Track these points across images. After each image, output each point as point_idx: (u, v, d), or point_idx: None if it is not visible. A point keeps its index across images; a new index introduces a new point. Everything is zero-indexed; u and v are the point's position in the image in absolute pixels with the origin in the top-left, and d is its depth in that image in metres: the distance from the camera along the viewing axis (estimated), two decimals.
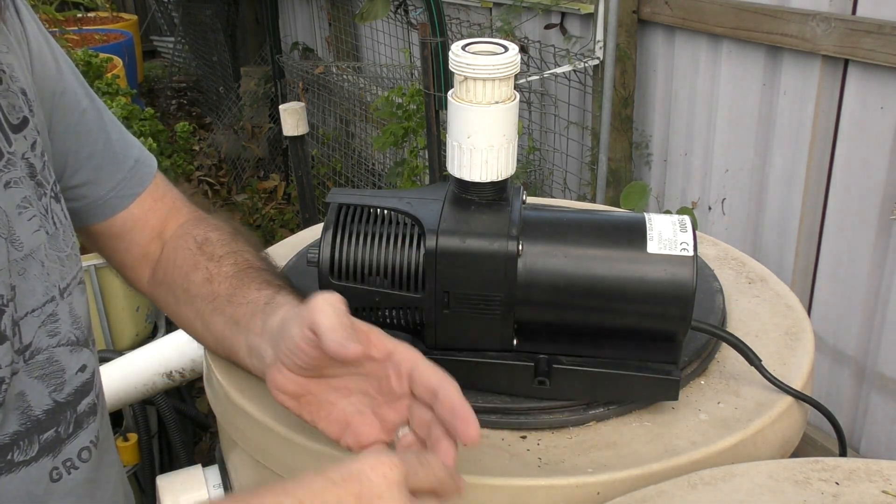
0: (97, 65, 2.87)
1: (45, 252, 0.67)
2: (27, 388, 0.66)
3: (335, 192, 0.80)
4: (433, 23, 1.96)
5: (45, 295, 0.67)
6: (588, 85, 2.48)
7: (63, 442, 0.69)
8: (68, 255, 0.70)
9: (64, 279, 0.69)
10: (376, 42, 3.73)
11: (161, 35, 6.93)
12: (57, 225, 0.70)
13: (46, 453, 0.68)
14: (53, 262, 0.68)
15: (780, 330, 0.90)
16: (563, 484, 0.69)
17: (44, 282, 0.67)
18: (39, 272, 0.67)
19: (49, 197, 0.69)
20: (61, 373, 0.69)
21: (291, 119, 2.19)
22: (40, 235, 0.67)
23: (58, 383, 0.69)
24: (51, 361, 0.68)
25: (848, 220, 1.86)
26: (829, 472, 0.68)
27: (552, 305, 0.74)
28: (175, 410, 1.82)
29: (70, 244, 0.71)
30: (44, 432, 0.68)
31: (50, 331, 0.68)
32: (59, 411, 0.69)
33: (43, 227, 0.68)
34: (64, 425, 0.69)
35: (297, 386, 0.66)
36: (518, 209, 0.75)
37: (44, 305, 0.67)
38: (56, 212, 0.70)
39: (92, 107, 0.80)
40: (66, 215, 0.72)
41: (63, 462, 0.70)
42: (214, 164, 4.82)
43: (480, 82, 0.70)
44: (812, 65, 1.85)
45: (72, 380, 0.70)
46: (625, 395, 0.77)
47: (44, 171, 0.69)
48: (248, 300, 0.75)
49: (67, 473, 0.70)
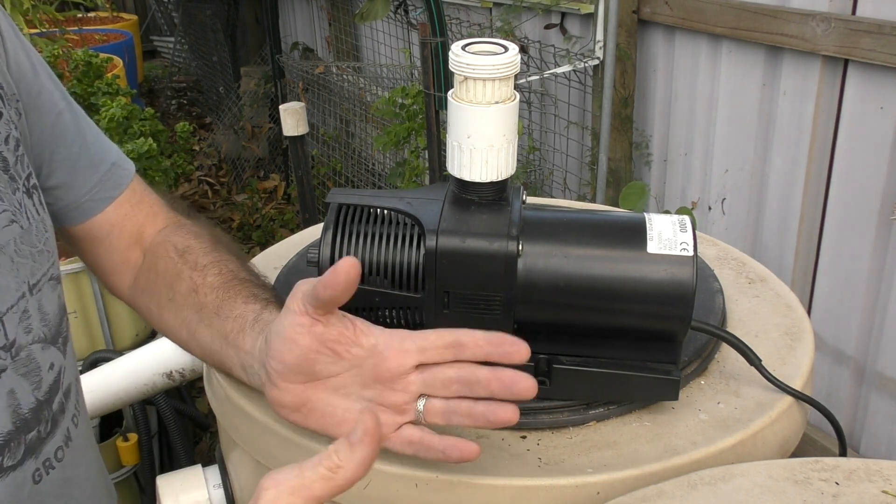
0: (97, 65, 2.87)
1: (15, 247, 0.66)
2: (16, 386, 0.66)
3: (335, 192, 0.80)
4: (433, 23, 1.96)
5: (17, 290, 0.66)
6: (588, 85, 2.49)
7: (43, 441, 0.69)
8: (40, 251, 0.69)
9: (34, 275, 0.68)
10: (376, 42, 3.73)
11: (161, 35, 6.94)
12: (30, 220, 0.69)
13: (30, 455, 0.67)
14: (24, 257, 0.67)
15: (780, 330, 0.90)
16: (563, 484, 0.69)
17: (15, 277, 0.66)
18: (10, 268, 0.66)
19: (22, 192, 0.68)
20: (38, 370, 0.68)
21: (291, 119, 2.19)
22: (12, 230, 0.66)
23: (37, 381, 0.68)
24: (30, 359, 0.67)
25: (848, 220, 1.86)
26: (829, 472, 0.68)
27: (552, 305, 0.74)
28: (175, 410, 1.83)
29: (43, 240, 0.70)
30: (29, 432, 0.67)
31: (25, 327, 0.67)
32: (40, 409, 0.68)
33: (16, 222, 0.67)
34: (44, 424, 0.69)
35: (295, 396, 0.66)
36: (518, 209, 0.75)
37: (18, 301, 0.66)
38: (28, 207, 0.69)
39: (68, 109, 0.79)
40: (40, 210, 0.71)
41: (43, 462, 0.69)
42: (214, 164, 4.83)
43: (480, 82, 0.70)
44: (812, 65, 1.85)
45: (46, 377, 0.70)
46: (625, 395, 0.77)
47: (17, 165, 0.68)
48: (236, 314, 0.74)
49: (46, 474, 0.69)
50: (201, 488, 0.90)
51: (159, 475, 0.92)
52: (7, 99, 0.69)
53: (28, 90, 0.74)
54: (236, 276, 0.79)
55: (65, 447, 0.72)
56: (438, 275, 0.73)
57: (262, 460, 0.79)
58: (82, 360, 1.72)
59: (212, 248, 0.83)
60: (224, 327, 0.75)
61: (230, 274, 0.79)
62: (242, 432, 0.81)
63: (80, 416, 0.75)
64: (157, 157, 2.65)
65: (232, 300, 0.76)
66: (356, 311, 0.79)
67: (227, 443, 0.91)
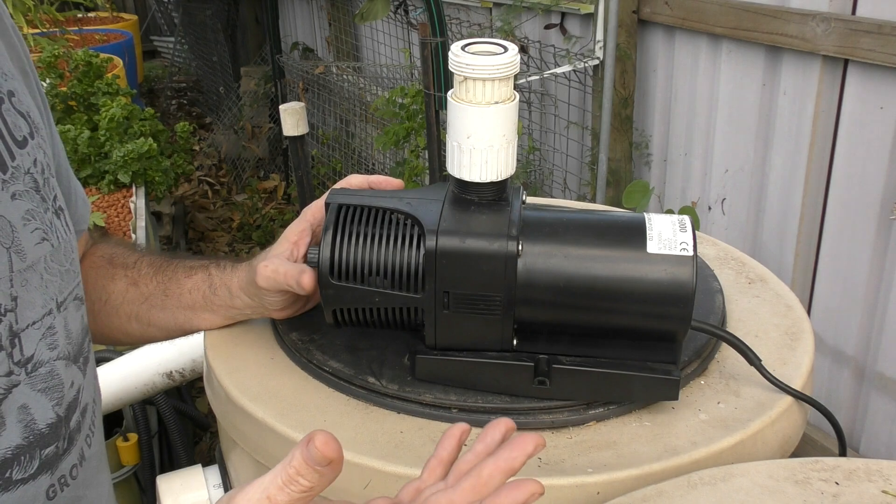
0: (97, 65, 2.87)
1: (45, 264, 0.68)
2: (30, 402, 0.66)
3: (335, 192, 0.80)
4: (433, 23, 1.96)
5: (43, 307, 0.67)
6: (588, 85, 2.49)
7: (60, 457, 0.69)
8: (67, 270, 0.71)
9: (62, 293, 0.70)
10: (376, 42, 3.73)
11: (161, 35, 6.94)
12: (60, 239, 0.70)
13: (45, 470, 0.68)
14: (53, 275, 0.69)
15: (780, 330, 0.90)
16: (563, 484, 0.69)
17: (42, 294, 0.67)
18: (39, 284, 0.67)
19: (52, 212, 0.70)
20: (61, 387, 0.69)
21: (291, 119, 2.19)
22: (43, 247, 0.68)
23: (59, 397, 0.69)
24: (52, 374, 0.68)
25: (848, 220, 1.86)
26: (829, 472, 0.68)
27: (552, 305, 0.74)
28: (175, 410, 1.83)
29: (70, 260, 0.72)
30: (46, 447, 0.67)
31: (50, 344, 0.68)
32: (60, 425, 0.69)
33: (47, 240, 0.68)
34: (62, 440, 0.69)
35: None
36: (518, 209, 0.75)
37: (42, 318, 0.67)
38: (57, 227, 0.71)
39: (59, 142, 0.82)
40: (67, 231, 0.73)
41: (59, 479, 0.69)
42: (214, 164, 4.83)
43: (480, 82, 0.70)
44: (812, 65, 1.85)
45: (68, 394, 0.70)
46: (625, 395, 0.77)
47: (45, 187, 0.70)
48: (189, 287, 0.88)
49: (61, 490, 0.70)
50: (201, 488, 0.90)
51: (159, 475, 0.92)
52: (35, 125, 0.71)
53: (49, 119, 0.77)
54: (164, 261, 0.91)
55: (79, 466, 0.72)
56: (438, 275, 0.73)
57: (262, 460, 0.79)
58: None
59: (133, 250, 0.94)
60: (182, 301, 0.88)
61: (159, 261, 0.91)
62: (242, 432, 0.81)
63: (93, 437, 0.75)
64: (157, 157, 2.66)
65: (174, 282, 0.88)
66: (357, 311, 0.79)
67: (227, 443, 0.91)
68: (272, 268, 0.81)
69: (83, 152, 2.58)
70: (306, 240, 0.85)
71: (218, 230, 4.14)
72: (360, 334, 0.86)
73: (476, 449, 0.58)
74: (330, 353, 0.83)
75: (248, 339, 0.90)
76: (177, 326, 0.91)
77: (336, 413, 0.78)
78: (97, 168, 2.61)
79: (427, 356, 0.78)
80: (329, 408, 0.78)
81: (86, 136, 2.57)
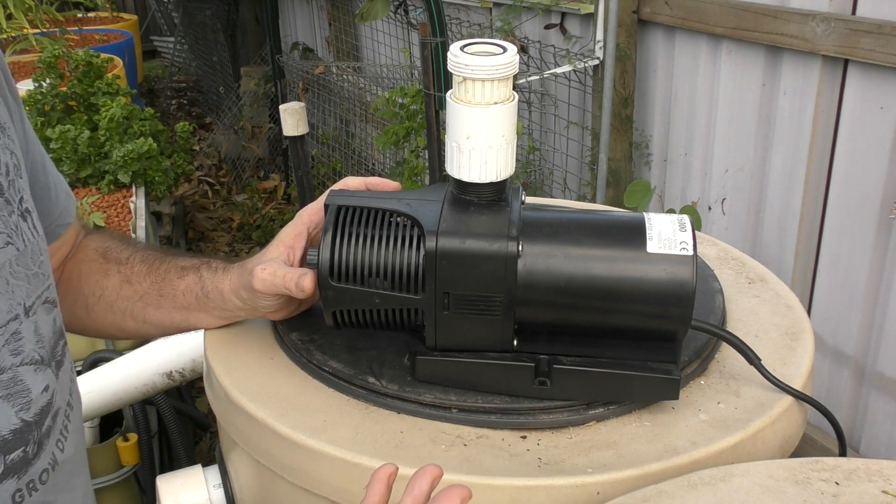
0: (97, 65, 2.87)
1: (10, 269, 0.66)
2: None
3: (334, 193, 0.80)
4: (433, 23, 1.96)
5: (9, 312, 0.66)
6: (588, 85, 2.48)
7: (30, 463, 0.68)
8: (35, 274, 0.69)
9: (30, 297, 0.68)
10: (376, 42, 3.73)
11: (161, 35, 6.94)
12: (26, 242, 0.69)
13: (12, 475, 0.67)
14: (20, 279, 0.67)
15: (780, 330, 0.90)
16: (563, 484, 0.69)
17: (8, 299, 0.66)
18: (4, 289, 0.65)
19: (17, 215, 0.69)
20: (27, 392, 0.68)
21: (291, 119, 2.19)
22: (7, 251, 0.66)
23: (24, 402, 0.67)
24: (15, 381, 0.66)
25: (848, 220, 1.86)
26: (829, 472, 0.68)
27: (552, 306, 0.74)
28: (175, 410, 1.82)
29: (38, 263, 0.70)
30: (10, 452, 0.66)
31: (13, 350, 0.66)
32: (28, 431, 0.68)
33: (12, 244, 0.67)
34: (31, 445, 0.68)
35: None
36: (517, 209, 0.75)
37: (7, 323, 0.66)
38: (24, 230, 0.69)
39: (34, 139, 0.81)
40: (35, 234, 0.71)
41: (27, 483, 0.68)
42: (214, 164, 4.82)
43: (479, 83, 0.70)
44: (812, 65, 1.85)
45: (38, 399, 0.69)
46: (625, 395, 0.77)
47: (10, 189, 0.68)
48: (182, 289, 0.88)
49: (29, 496, 0.68)
50: (201, 488, 0.90)
51: (159, 475, 0.92)
52: (2, 126, 0.70)
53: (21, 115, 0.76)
54: (157, 258, 0.91)
55: (50, 471, 0.71)
56: (438, 276, 0.73)
57: (262, 460, 0.79)
58: (82, 360, 1.72)
59: (126, 244, 0.93)
60: (176, 302, 0.88)
61: (152, 258, 0.91)
62: (242, 432, 0.81)
63: (67, 441, 0.73)
64: (157, 157, 2.65)
65: (168, 283, 0.88)
66: (357, 312, 0.79)
67: (227, 443, 0.91)
68: (270, 271, 0.80)
69: (83, 152, 2.58)
70: (302, 243, 0.85)
71: (218, 230, 4.14)
72: (359, 334, 0.86)
73: (404, 502, 0.59)
74: (330, 354, 0.83)
75: (248, 339, 0.90)
76: (173, 325, 0.91)
77: (336, 413, 0.78)
78: (97, 168, 2.61)
79: (427, 357, 0.78)
80: (329, 408, 0.78)
81: (86, 136, 2.57)
